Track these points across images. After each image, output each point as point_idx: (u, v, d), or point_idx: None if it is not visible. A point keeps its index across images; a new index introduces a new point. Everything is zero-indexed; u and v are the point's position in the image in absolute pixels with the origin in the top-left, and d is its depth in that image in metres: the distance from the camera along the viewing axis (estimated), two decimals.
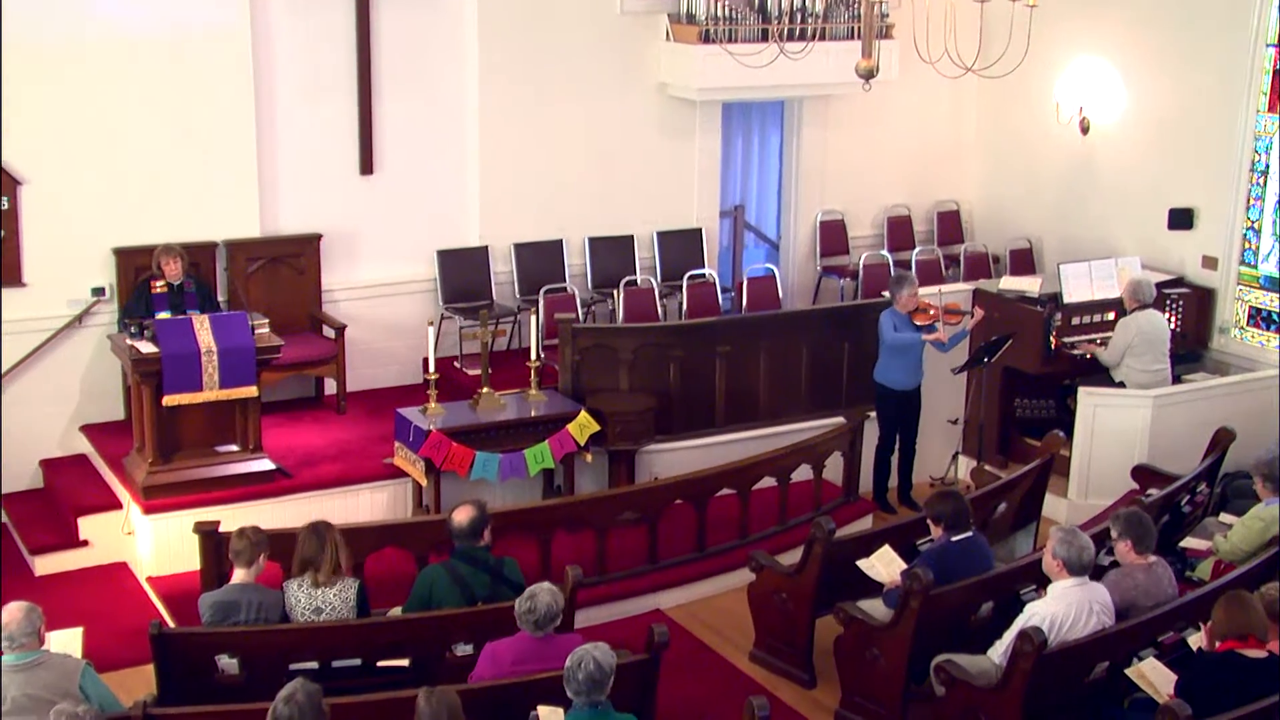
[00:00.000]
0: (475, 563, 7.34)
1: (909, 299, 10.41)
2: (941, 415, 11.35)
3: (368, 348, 11.50)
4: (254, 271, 10.94)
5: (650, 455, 10.39)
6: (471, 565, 7.32)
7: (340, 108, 11.25)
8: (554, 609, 6.49)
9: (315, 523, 7.26)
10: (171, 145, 10.53)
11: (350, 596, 7.15)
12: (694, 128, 12.78)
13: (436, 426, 9.42)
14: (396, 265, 11.69)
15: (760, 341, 10.93)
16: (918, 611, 7.50)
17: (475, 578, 7.31)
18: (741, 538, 9.76)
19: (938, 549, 7.89)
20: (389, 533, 8.53)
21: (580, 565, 7.61)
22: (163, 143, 10.50)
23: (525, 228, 12.09)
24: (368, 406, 11.05)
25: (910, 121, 13.84)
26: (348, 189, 11.40)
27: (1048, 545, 7.24)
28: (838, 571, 8.27)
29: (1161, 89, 12.23)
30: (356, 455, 10.12)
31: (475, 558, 7.35)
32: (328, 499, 9.61)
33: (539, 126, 12.04)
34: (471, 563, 7.33)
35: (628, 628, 8.72)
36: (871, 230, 14.02)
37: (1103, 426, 10.41)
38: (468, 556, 7.35)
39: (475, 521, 7.33)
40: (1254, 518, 8.44)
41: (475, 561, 7.35)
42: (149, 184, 10.49)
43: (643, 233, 12.66)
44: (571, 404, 10.07)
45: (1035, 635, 6.83)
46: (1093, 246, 12.60)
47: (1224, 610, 6.53)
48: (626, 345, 10.45)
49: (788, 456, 9.95)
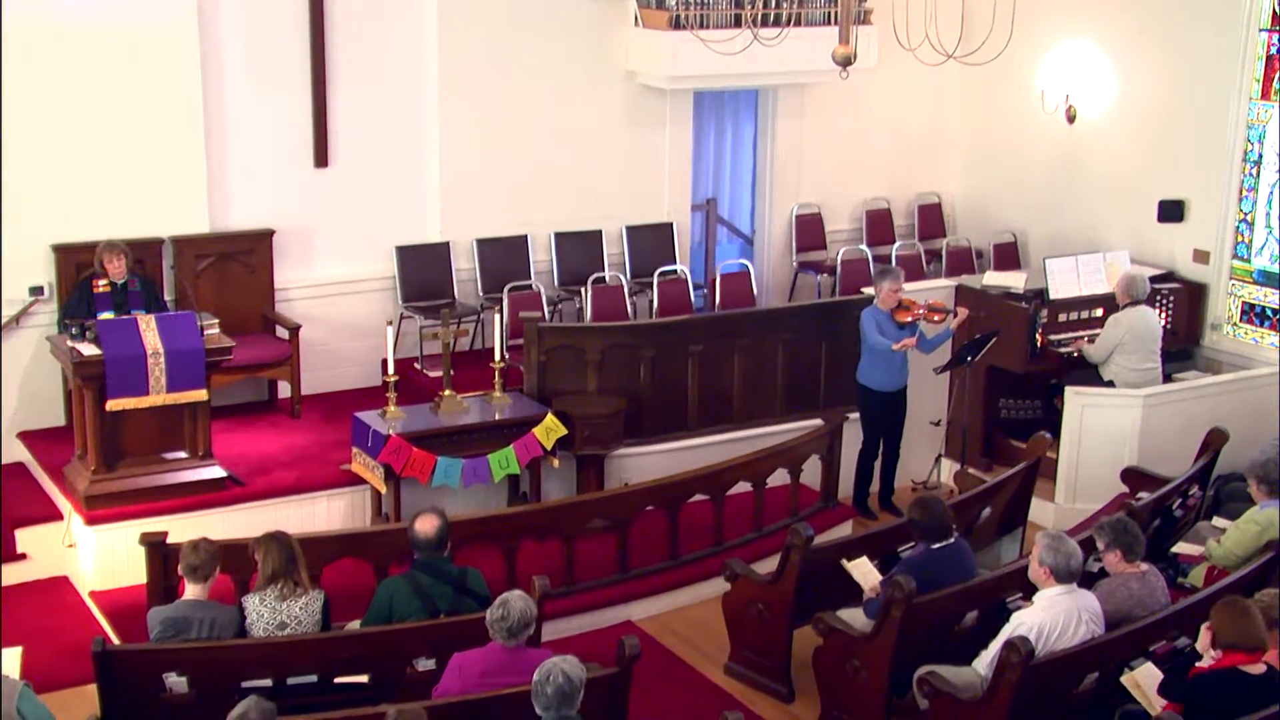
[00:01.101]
0: (437, 574, 7.32)
1: (890, 293, 10.44)
2: (923, 417, 11.38)
3: (323, 349, 11.46)
4: (203, 269, 10.88)
5: (620, 460, 10.40)
6: (433, 577, 7.30)
7: (293, 97, 11.20)
8: (528, 615, 6.50)
9: (276, 533, 7.22)
10: (114, 136, 10.46)
11: (316, 610, 7.14)
12: (664, 118, 12.78)
13: (396, 431, 9.40)
14: (353, 262, 11.66)
15: (734, 341, 10.94)
16: (900, 621, 7.52)
17: (437, 590, 7.28)
18: (716, 545, 9.77)
19: (919, 556, 7.91)
20: (347, 543, 8.51)
21: (548, 575, 7.60)
22: (105, 134, 10.43)
23: (488, 222, 12.07)
24: (324, 410, 11.02)
25: (890, 111, 13.88)
26: (301, 182, 11.36)
27: (1034, 552, 7.27)
28: (816, 580, 8.28)
29: (1151, 75, 12.31)
30: (312, 462, 10.08)
31: (437, 569, 7.33)
32: (282, 508, 9.58)
33: (502, 117, 12.02)
34: (433, 574, 7.31)
35: (598, 640, 8.73)
36: (849, 224, 14.05)
37: (1091, 427, 10.46)
38: (429, 568, 7.33)
39: (441, 531, 7.32)
40: (1248, 521, 8.49)
41: (437, 573, 7.33)
42: (90, 177, 10.41)
43: (611, 228, 12.65)
44: (537, 406, 10.06)
45: (1022, 645, 6.85)
46: (1080, 240, 12.67)
47: (1226, 617, 6.55)
48: (595, 345, 10.45)
49: (763, 460, 9.96)
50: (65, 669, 8.13)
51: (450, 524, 7.42)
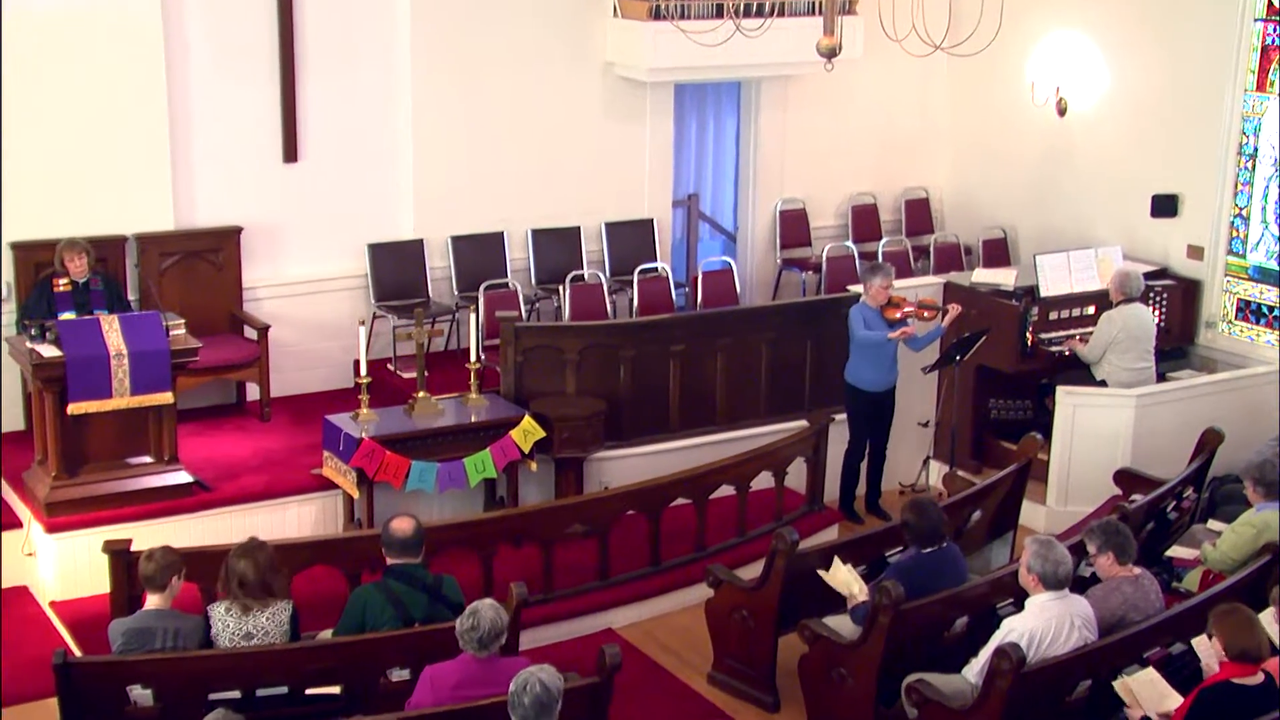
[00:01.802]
0: (411, 581, 7.30)
1: (880, 290, 10.44)
2: (911, 418, 11.39)
3: (293, 349, 11.42)
4: (168, 268, 10.84)
5: (599, 463, 10.38)
6: (407, 584, 7.28)
7: (261, 89, 11.16)
8: (498, 625, 6.46)
9: (246, 543, 7.19)
10: (75, 130, 10.40)
11: (284, 621, 7.10)
12: (644, 111, 12.78)
13: (369, 434, 9.38)
14: (324, 260, 11.63)
15: (717, 340, 10.94)
16: (887, 628, 7.51)
17: (411, 597, 7.26)
18: (698, 551, 9.76)
19: (908, 561, 7.92)
20: (318, 549, 8.47)
21: (525, 582, 7.58)
22: (65, 127, 10.37)
23: (463, 219, 12.05)
24: (294, 413, 10.99)
25: (876, 103, 13.89)
26: (270, 178, 11.32)
27: (1022, 559, 7.28)
28: (801, 586, 8.28)
29: (1143, 67, 12.34)
30: (282, 466, 10.05)
31: (411, 576, 7.31)
32: (251, 514, 9.54)
33: (477, 110, 12.00)
34: (407, 581, 7.29)
35: (577, 649, 8.73)
36: (835, 220, 14.07)
37: (1083, 428, 10.49)
38: (403, 574, 7.31)
39: (416, 534, 7.30)
40: (1244, 524, 8.51)
41: (411, 580, 7.30)
42: (50, 172, 10.35)
43: (590, 224, 12.64)
44: (514, 409, 10.04)
45: (1013, 652, 6.86)
46: (1071, 236, 12.70)
47: (1231, 627, 6.55)
48: (573, 345, 10.44)
49: (747, 463, 9.96)
50: (25, 682, 8.08)
51: (423, 529, 7.40)
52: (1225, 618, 6.59)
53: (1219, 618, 6.62)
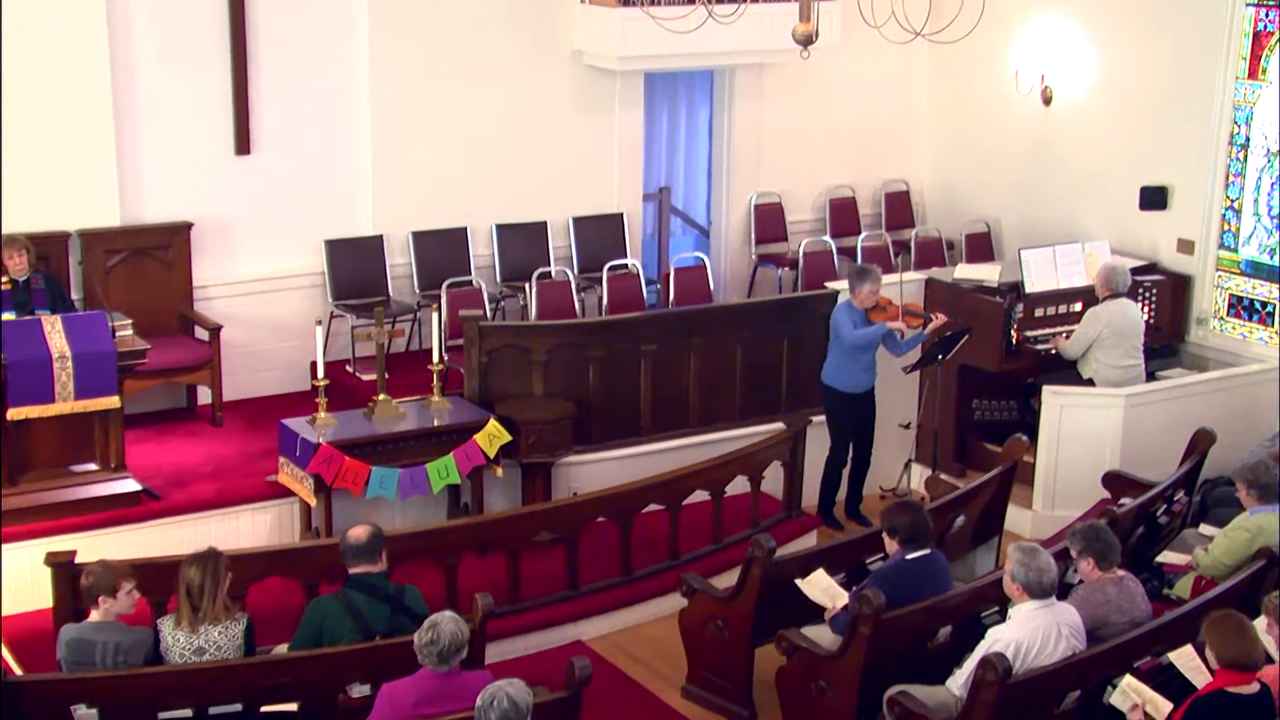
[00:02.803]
0: (373, 591, 7.28)
1: (870, 295, 10.45)
2: (892, 420, 11.41)
3: (247, 351, 11.39)
4: (114, 265, 10.80)
5: (568, 468, 10.38)
6: (368, 594, 7.26)
7: (211, 78, 11.11)
8: (459, 638, 6.45)
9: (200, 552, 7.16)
10: (14, 121, 10.31)
11: (237, 635, 7.08)
12: (613, 101, 12.77)
13: (327, 439, 9.35)
14: (279, 257, 11.59)
15: (690, 340, 10.94)
16: (868, 638, 7.52)
17: (372, 608, 7.24)
18: (671, 559, 9.77)
19: (891, 568, 7.92)
20: (273, 560, 8.46)
21: (491, 593, 7.57)
22: (4, 118, 10.29)
23: (425, 214, 12.03)
24: (247, 417, 10.96)
25: (854, 93, 13.92)
26: (221, 171, 11.27)
27: (1005, 567, 7.30)
28: (779, 595, 8.28)
29: (1132, 54, 12.39)
30: (235, 473, 10.02)
31: (372, 585, 7.28)
32: (203, 523, 9.52)
33: (440, 100, 11.97)
34: (368, 591, 7.26)
35: (545, 662, 8.72)
36: (812, 214, 14.09)
37: (1070, 429, 10.53)
38: (363, 584, 7.29)
39: (373, 540, 7.28)
40: (1237, 528, 8.55)
41: (373, 590, 7.28)
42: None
43: (557, 219, 12.63)
44: (479, 412, 10.04)
45: (999, 663, 6.87)
46: (1057, 230, 12.74)
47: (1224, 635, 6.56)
48: (540, 345, 10.43)
49: (722, 467, 9.97)
50: None
51: (383, 536, 7.38)
52: (1218, 625, 6.61)
53: (1212, 625, 6.64)
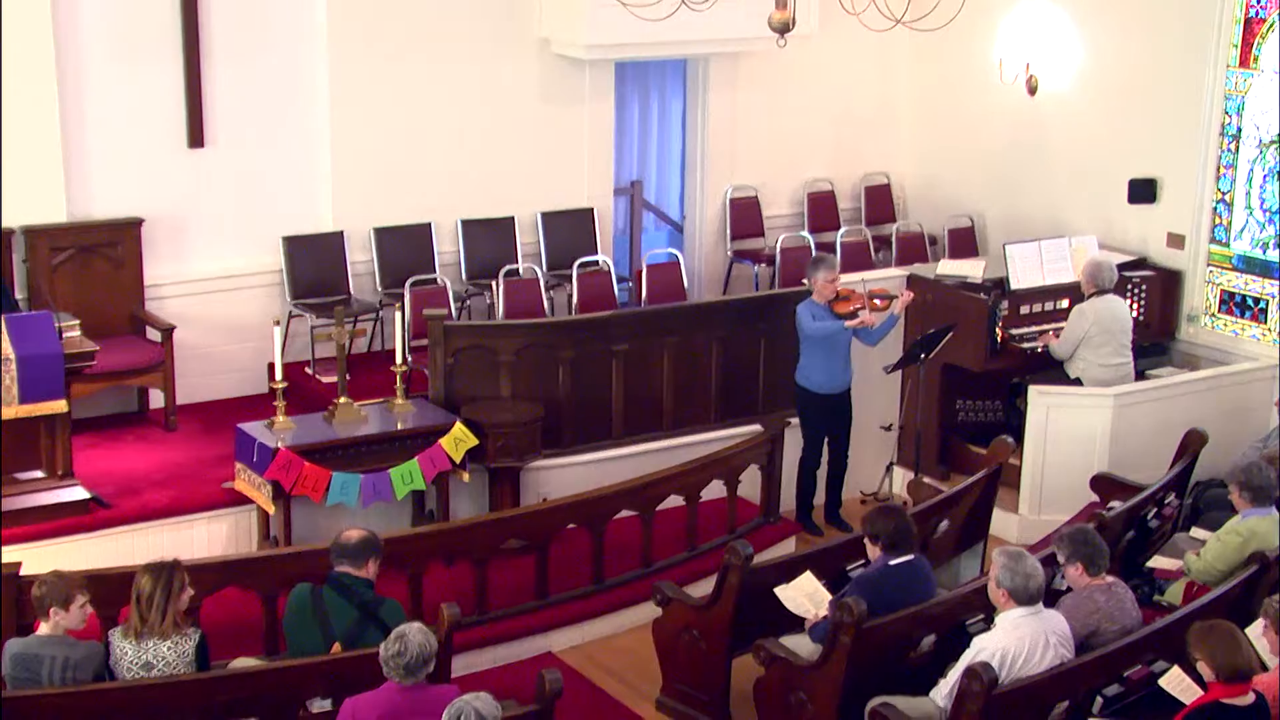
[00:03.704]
0: (347, 593, 7.30)
1: (826, 284, 10.47)
2: (873, 421, 11.43)
3: (201, 352, 11.34)
4: (61, 264, 10.74)
5: (537, 473, 10.37)
6: (341, 595, 7.27)
7: (163, 68, 11.06)
8: (426, 650, 6.45)
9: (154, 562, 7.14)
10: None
11: (188, 651, 7.05)
12: (583, 91, 12.76)
13: (285, 444, 9.33)
14: (234, 255, 11.55)
15: (663, 339, 10.94)
16: (849, 648, 7.53)
17: (339, 610, 7.25)
18: (645, 567, 9.77)
19: (873, 574, 7.93)
20: (230, 571, 8.41)
21: (457, 603, 7.57)
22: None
23: (387, 210, 12.00)
24: (202, 422, 10.92)
25: (833, 83, 13.94)
26: (174, 165, 11.23)
27: (991, 572, 7.32)
28: (756, 603, 8.29)
29: (1119, 41, 12.43)
30: (189, 480, 9.98)
31: (347, 588, 7.30)
32: (156, 532, 9.49)
33: (401, 91, 11.95)
34: (342, 592, 7.28)
35: (514, 674, 8.74)
36: (789, 209, 14.10)
37: (1057, 430, 10.56)
38: (340, 584, 7.32)
39: (363, 544, 7.32)
40: (1230, 532, 8.58)
41: (347, 592, 7.30)
42: None
43: (525, 214, 12.62)
44: (444, 415, 10.02)
45: (984, 672, 6.89)
46: (1043, 224, 12.78)
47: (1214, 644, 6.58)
48: (508, 345, 10.42)
49: (697, 471, 9.97)
50: None
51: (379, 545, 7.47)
52: (1210, 636, 6.63)
53: (1200, 637, 6.65)
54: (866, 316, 10.49)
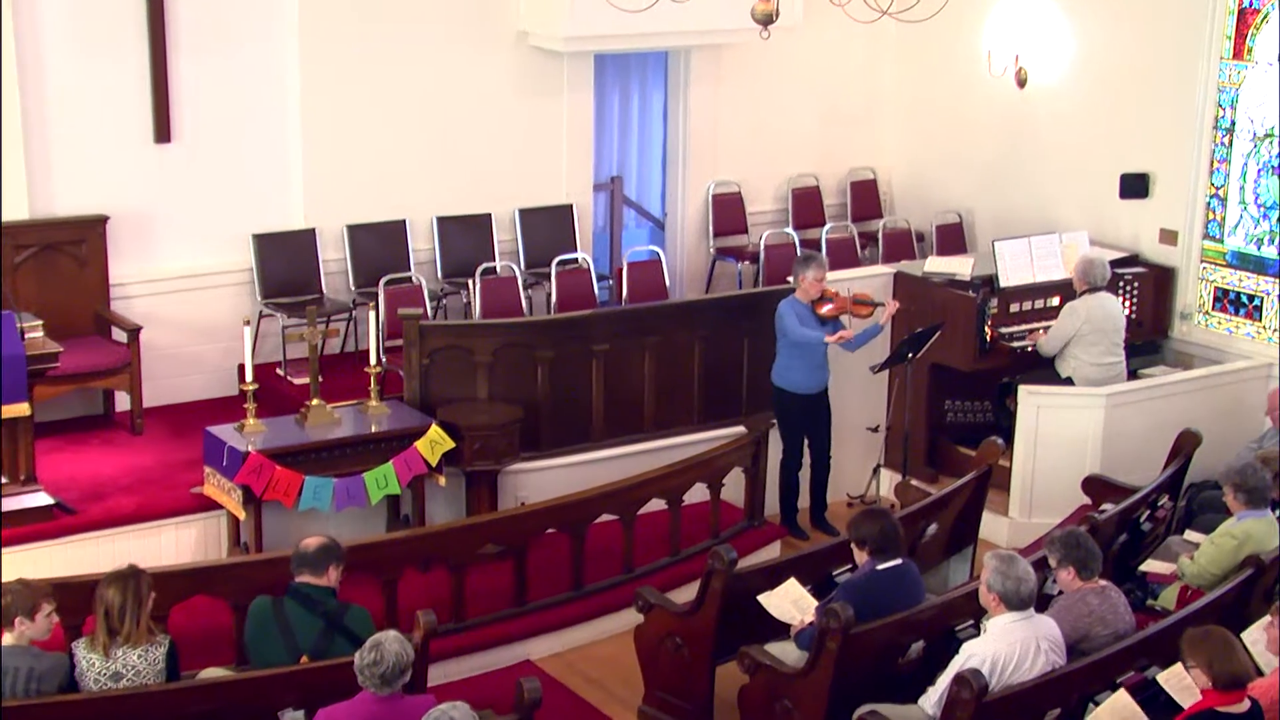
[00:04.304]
0: (310, 604, 7.27)
1: (814, 283, 10.48)
2: (859, 423, 11.45)
3: (169, 354, 11.32)
4: (22, 262, 10.71)
5: (515, 476, 10.37)
6: (304, 606, 7.24)
7: (128, 59, 11.02)
8: (403, 660, 6.44)
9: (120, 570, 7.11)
10: None
11: (159, 659, 7.04)
12: (561, 84, 12.76)
13: (256, 447, 9.31)
14: (203, 253, 11.52)
15: (645, 339, 10.95)
16: (836, 654, 7.54)
17: (303, 623, 7.22)
18: (626, 572, 9.78)
19: (860, 579, 7.94)
20: (199, 578, 8.39)
21: (433, 610, 7.54)
22: None
23: (360, 206, 11.98)
24: (170, 425, 10.90)
25: (818, 76, 13.95)
26: (140, 160, 11.20)
27: (982, 576, 7.33)
28: (740, 609, 8.29)
29: (1111, 33, 12.47)
30: (157, 485, 9.96)
31: (310, 598, 7.27)
32: (122, 539, 9.45)
33: (375, 84, 11.93)
34: (304, 603, 7.25)
35: (492, 683, 8.73)
36: (774, 205, 14.12)
37: (1048, 431, 10.58)
38: (302, 595, 7.28)
39: (322, 552, 7.29)
40: (1224, 535, 8.61)
41: (310, 603, 7.27)
42: None
43: (502, 211, 12.61)
44: (420, 417, 10.02)
45: (974, 679, 6.90)
46: (1033, 220, 12.80)
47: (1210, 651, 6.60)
48: (485, 346, 10.41)
49: (679, 474, 9.97)
50: None
51: (340, 550, 7.44)
52: (1204, 643, 6.64)
53: (1195, 644, 6.67)
54: (846, 332, 10.49)
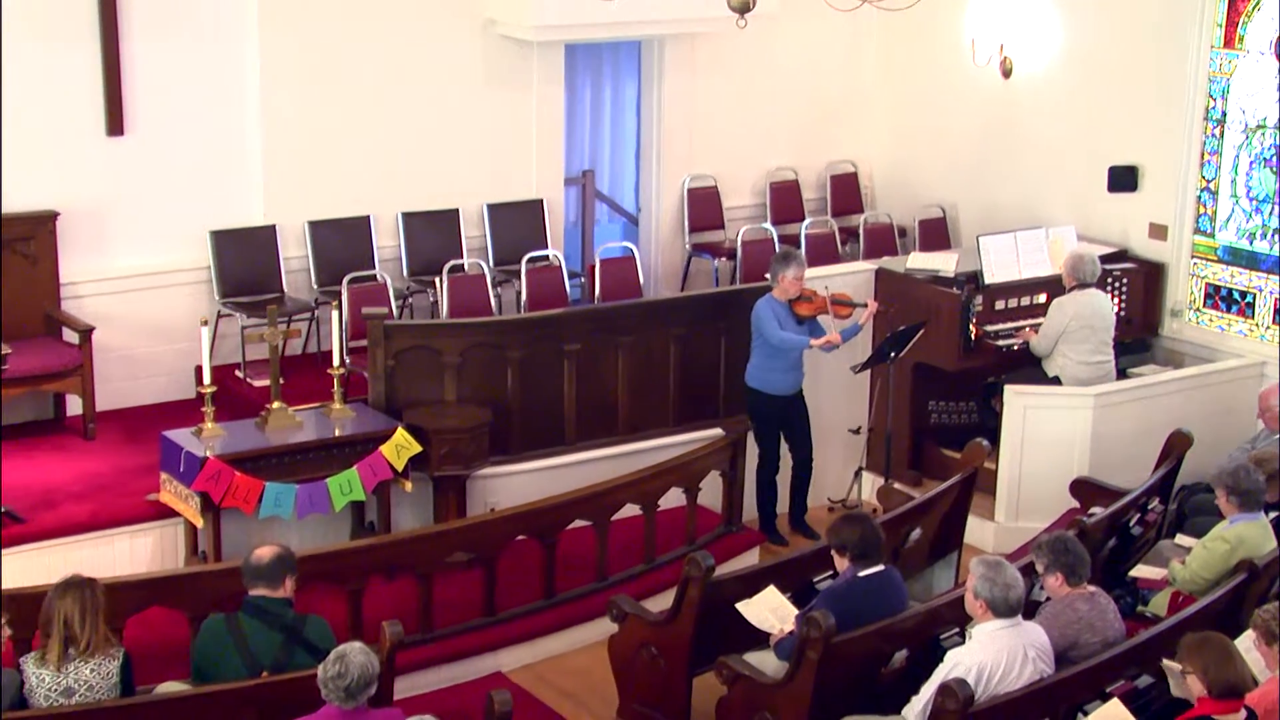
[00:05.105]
0: (267, 618, 7.24)
1: (793, 282, 10.49)
2: (840, 425, 11.47)
3: (123, 355, 11.29)
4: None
5: (485, 481, 10.37)
6: (260, 620, 7.22)
7: (78, 49, 10.98)
8: (369, 672, 6.42)
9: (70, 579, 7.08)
10: None
11: (113, 672, 7.01)
12: (531, 76, 12.76)
13: (214, 452, 9.30)
14: (158, 250, 11.49)
15: (618, 338, 10.95)
16: (817, 664, 7.54)
17: (261, 638, 7.19)
18: (599, 580, 9.78)
19: (841, 586, 7.95)
20: (155, 589, 8.36)
21: (400, 620, 7.52)
22: None
23: (322, 202, 11.97)
24: (124, 429, 10.88)
25: (796, 66, 13.98)
26: (91, 154, 11.17)
27: (968, 582, 7.34)
28: (718, 618, 8.30)
29: (1098, 21, 12.51)
30: (110, 492, 9.94)
31: (266, 611, 7.24)
32: (74, 548, 9.42)
33: (337, 75, 11.92)
34: (261, 617, 7.23)
35: (461, 696, 8.72)
36: (751, 199, 14.14)
37: (1035, 432, 10.61)
38: (259, 609, 7.25)
39: (276, 562, 7.25)
40: (1216, 539, 8.63)
41: (267, 616, 7.24)
42: None
43: (470, 207, 12.61)
44: (385, 420, 10.01)
45: (960, 689, 6.91)
46: (1018, 214, 12.83)
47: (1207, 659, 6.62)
48: (452, 346, 10.41)
49: (654, 479, 9.98)
50: None
51: (292, 559, 7.38)
52: (1200, 650, 6.67)
53: (1192, 651, 6.69)
54: (834, 336, 10.51)
